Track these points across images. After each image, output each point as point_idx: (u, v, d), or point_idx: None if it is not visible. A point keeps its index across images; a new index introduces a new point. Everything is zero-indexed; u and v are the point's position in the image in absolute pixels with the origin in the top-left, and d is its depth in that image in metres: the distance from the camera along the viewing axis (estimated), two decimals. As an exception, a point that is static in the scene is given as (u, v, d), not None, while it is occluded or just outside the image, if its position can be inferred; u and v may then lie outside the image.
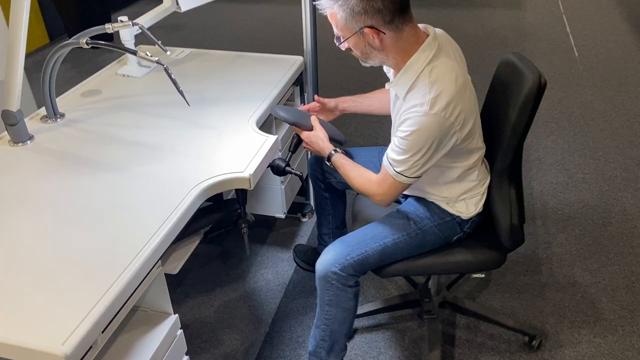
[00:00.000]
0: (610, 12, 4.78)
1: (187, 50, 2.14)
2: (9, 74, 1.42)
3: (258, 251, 2.20)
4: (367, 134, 3.01)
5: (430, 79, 1.27)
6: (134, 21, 1.52)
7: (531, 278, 2.05)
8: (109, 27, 1.51)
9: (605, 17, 4.67)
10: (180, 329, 1.31)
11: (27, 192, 1.34)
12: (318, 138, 1.56)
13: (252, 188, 1.41)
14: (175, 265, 1.42)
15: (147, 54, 1.36)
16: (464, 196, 1.48)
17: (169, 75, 1.39)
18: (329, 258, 1.46)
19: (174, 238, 1.24)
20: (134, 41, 1.90)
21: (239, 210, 1.51)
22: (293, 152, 1.69)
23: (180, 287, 1.98)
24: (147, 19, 1.94)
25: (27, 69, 2.16)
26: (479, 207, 1.49)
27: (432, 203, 1.51)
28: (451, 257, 1.52)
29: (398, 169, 1.34)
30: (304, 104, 2.16)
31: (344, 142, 1.67)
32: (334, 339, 1.53)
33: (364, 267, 1.47)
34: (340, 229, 1.96)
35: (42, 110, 1.69)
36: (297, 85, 2.07)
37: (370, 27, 1.25)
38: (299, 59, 2.05)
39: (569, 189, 2.54)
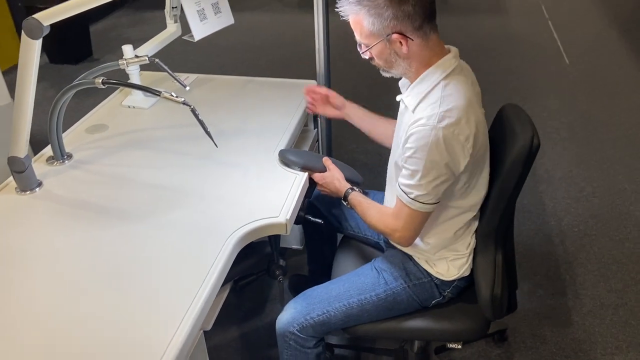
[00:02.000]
0: (594, 17, 4.83)
1: (193, 76, 2.03)
2: (17, 118, 1.30)
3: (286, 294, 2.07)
4: (371, 149, 2.94)
5: (444, 92, 1.18)
6: (150, 56, 1.40)
7: (557, 302, 2.01)
8: (122, 63, 1.40)
9: (590, 22, 4.71)
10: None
11: (39, 248, 1.22)
12: (334, 178, 1.46)
13: (288, 233, 1.31)
14: (208, 321, 1.32)
15: (172, 95, 1.25)
16: (447, 254, 1.35)
17: (197, 117, 1.29)
18: (288, 316, 1.35)
19: (213, 299, 1.14)
20: (139, 70, 1.78)
21: (272, 255, 1.42)
22: (309, 197, 1.59)
23: (209, 341, 1.87)
24: (152, 46, 1.82)
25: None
26: (462, 271, 1.35)
27: (410, 259, 1.40)
28: (421, 323, 1.38)
29: (412, 195, 1.21)
30: (317, 129, 2.08)
31: (361, 182, 1.57)
32: None
33: (325, 328, 1.35)
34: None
35: (47, 150, 1.56)
36: (311, 111, 1.98)
37: (399, 32, 1.16)
38: (312, 84, 1.96)
39: (581, 204, 2.51)
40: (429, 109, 1.17)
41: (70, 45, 4.10)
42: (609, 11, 4.91)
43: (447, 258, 1.35)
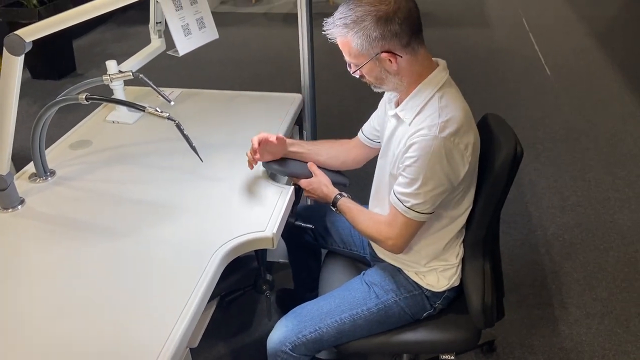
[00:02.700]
0: (573, 28, 4.92)
1: (178, 91, 2.03)
2: (-2, 135, 1.28)
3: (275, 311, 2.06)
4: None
5: (441, 104, 1.20)
6: (135, 71, 1.40)
7: (545, 311, 2.01)
8: (106, 79, 1.39)
9: (569, 34, 4.80)
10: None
11: (21, 267, 1.19)
12: (321, 184, 1.45)
13: (275, 247, 1.31)
14: (194, 338, 1.30)
15: (157, 110, 1.24)
16: (436, 265, 1.35)
17: (181, 132, 1.28)
18: (279, 335, 1.33)
19: (200, 316, 1.12)
20: (123, 86, 1.77)
21: (259, 270, 1.40)
22: (297, 204, 1.59)
23: (196, 359, 1.84)
24: (136, 62, 1.81)
25: None
26: (452, 282, 1.36)
27: (400, 272, 1.39)
28: (413, 336, 1.37)
29: (408, 204, 1.22)
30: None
31: (348, 183, 1.58)
32: None
33: (318, 346, 1.34)
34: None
35: (30, 167, 1.54)
36: (297, 125, 1.98)
37: (387, 51, 1.17)
38: (297, 97, 1.96)
39: (566, 213, 2.53)
40: (428, 120, 1.18)
41: (54, 61, 4.07)
42: (587, 22, 5.01)
43: (437, 269, 1.35)
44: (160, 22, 1.84)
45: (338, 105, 3.52)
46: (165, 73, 3.97)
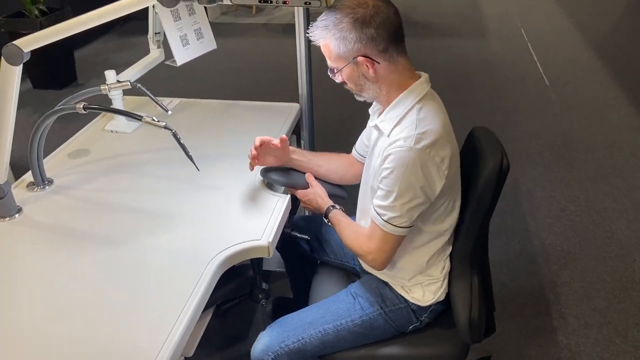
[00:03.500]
0: (572, 39, 4.95)
1: (176, 100, 2.04)
2: (-4, 144, 1.29)
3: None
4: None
5: (419, 116, 1.19)
6: (132, 82, 1.41)
7: (542, 321, 2.01)
8: (104, 88, 1.40)
9: (568, 44, 4.83)
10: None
11: (18, 275, 1.20)
12: (316, 195, 1.45)
13: (271, 256, 1.31)
14: (189, 348, 1.30)
15: (154, 119, 1.26)
16: (421, 279, 1.33)
17: (178, 141, 1.29)
18: (262, 345, 1.33)
19: (195, 324, 1.12)
20: (122, 95, 1.78)
21: (255, 279, 1.41)
22: (293, 213, 1.59)
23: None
24: (135, 72, 1.83)
25: None
26: (438, 296, 1.34)
27: (386, 285, 1.38)
28: (398, 349, 1.35)
29: (385, 217, 1.21)
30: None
31: (345, 196, 1.58)
32: None
33: (300, 356, 1.33)
34: None
35: (28, 176, 1.55)
36: (294, 134, 1.99)
37: (364, 56, 1.18)
38: (295, 106, 1.97)
39: (564, 223, 2.54)
40: (405, 131, 1.18)
41: (55, 71, 4.10)
42: (586, 33, 5.04)
43: (422, 283, 1.34)
44: (159, 33, 1.86)
45: (335, 115, 3.54)
46: (165, 83, 4.00)
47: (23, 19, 3.77)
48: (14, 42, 1.18)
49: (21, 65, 1.21)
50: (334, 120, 3.51)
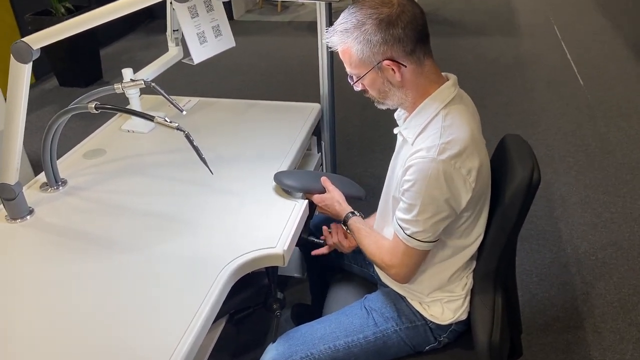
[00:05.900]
0: (608, 38, 4.75)
1: (195, 100, 1.99)
2: (7, 143, 1.26)
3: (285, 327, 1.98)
4: (378, 173, 2.87)
5: (445, 123, 1.10)
6: (147, 80, 1.36)
7: (575, 336, 1.90)
8: (118, 88, 1.36)
9: (604, 43, 4.64)
10: None
11: (26, 278, 1.16)
12: (334, 200, 1.38)
13: (286, 265, 1.25)
14: (200, 358, 1.25)
15: (166, 120, 1.20)
16: (440, 296, 1.24)
17: (191, 143, 1.24)
18: (269, 359, 1.25)
19: (206, 333, 1.07)
20: (139, 94, 1.74)
21: (270, 287, 1.35)
22: (310, 218, 1.52)
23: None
24: (152, 70, 1.79)
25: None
26: (458, 315, 1.25)
27: (403, 300, 1.30)
28: None
29: (408, 231, 1.13)
30: (321, 153, 2.03)
31: (364, 195, 1.51)
32: None
33: None
34: None
35: (42, 177, 1.52)
36: (314, 135, 1.92)
37: (390, 59, 1.09)
38: (316, 107, 1.91)
39: (599, 230, 2.41)
40: (429, 140, 1.09)
41: (81, 69, 4.12)
42: (622, 31, 4.84)
43: (442, 300, 1.25)
44: (177, 30, 1.82)
45: (358, 116, 3.46)
46: (188, 80, 3.98)
47: (49, 17, 3.80)
48: (23, 39, 1.14)
49: (30, 64, 1.17)
50: (357, 121, 3.43)
